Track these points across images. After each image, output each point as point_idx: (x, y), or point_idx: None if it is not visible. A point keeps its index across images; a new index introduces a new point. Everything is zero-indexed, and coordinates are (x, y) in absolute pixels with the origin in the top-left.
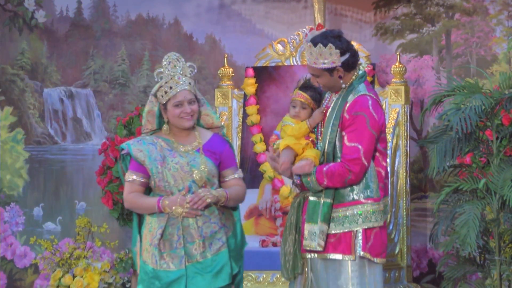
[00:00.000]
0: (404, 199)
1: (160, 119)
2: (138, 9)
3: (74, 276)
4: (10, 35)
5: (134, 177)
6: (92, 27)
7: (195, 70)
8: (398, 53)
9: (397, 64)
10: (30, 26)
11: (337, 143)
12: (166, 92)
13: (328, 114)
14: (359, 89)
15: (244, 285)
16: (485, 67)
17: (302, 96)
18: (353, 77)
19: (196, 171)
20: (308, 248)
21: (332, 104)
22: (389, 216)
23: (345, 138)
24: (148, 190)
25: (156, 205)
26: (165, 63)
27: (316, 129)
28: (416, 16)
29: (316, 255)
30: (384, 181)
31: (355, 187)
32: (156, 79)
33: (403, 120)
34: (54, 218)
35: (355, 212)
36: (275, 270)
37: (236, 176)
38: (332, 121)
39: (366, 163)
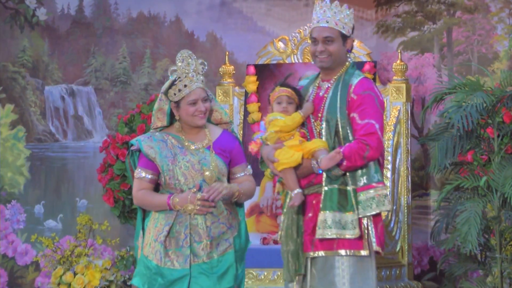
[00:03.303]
0: (405, 196)
1: (170, 116)
2: (139, 6)
3: (75, 274)
4: (11, 33)
5: (144, 174)
6: (93, 25)
7: (206, 67)
8: (399, 51)
9: (398, 61)
10: (31, 24)
11: (347, 127)
12: (180, 90)
13: (328, 100)
14: (359, 73)
15: (245, 282)
16: (486, 64)
17: (287, 91)
18: (347, 63)
19: (207, 170)
20: (327, 237)
21: (331, 91)
22: (390, 214)
23: (356, 117)
24: (156, 186)
25: (166, 202)
26: (178, 60)
27: (306, 123)
28: (417, 14)
29: (323, 252)
30: (382, 169)
31: (365, 171)
32: (170, 77)
33: (404, 118)
34: (55, 215)
35: (368, 197)
36: (276, 268)
37: (246, 173)
38: (338, 106)
39: (382, 138)
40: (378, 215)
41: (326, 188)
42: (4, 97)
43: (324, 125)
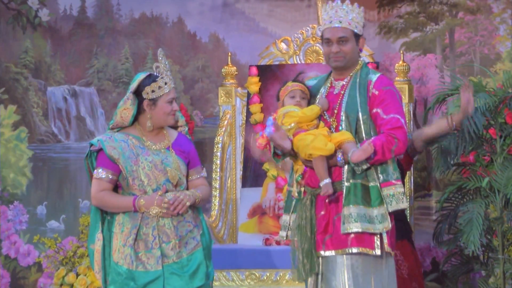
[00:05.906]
0: (408, 197)
1: (133, 117)
2: (141, 7)
3: (77, 275)
4: (14, 34)
5: (104, 174)
6: (96, 26)
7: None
8: (401, 52)
9: (400, 62)
10: (34, 25)
11: (369, 123)
12: (160, 87)
13: (347, 97)
14: (374, 71)
15: (247, 283)
16: (489, 65)
17: (301, 86)
18: (360, 61)
19: (170, 170)
20: (353, 231)
21: (349, 89)
22: None
23: (381, 112)
24: (114, 188)
25: (131, 204)
26: (160, 57)
27: (320, 119)
28: (420, 15)
29: (333, 252)
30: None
31: (384, 167)
32: (143, 73)
33: (407, 119)
34: (58, 216)
35: (388, 193)
36: (279, 269)
37: (202, 175)
38: (359, 102)
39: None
40: (391, 216)
41: (347, 184)
42: (6, 98)
43: (343, 122)
